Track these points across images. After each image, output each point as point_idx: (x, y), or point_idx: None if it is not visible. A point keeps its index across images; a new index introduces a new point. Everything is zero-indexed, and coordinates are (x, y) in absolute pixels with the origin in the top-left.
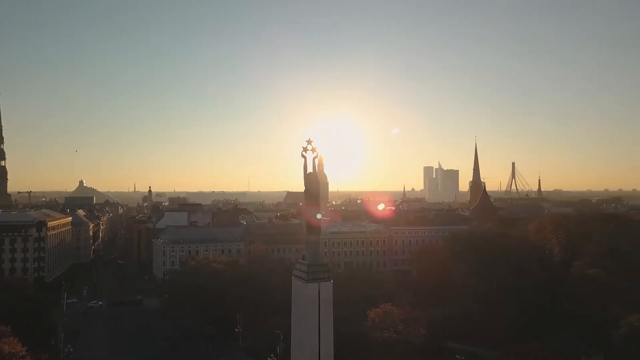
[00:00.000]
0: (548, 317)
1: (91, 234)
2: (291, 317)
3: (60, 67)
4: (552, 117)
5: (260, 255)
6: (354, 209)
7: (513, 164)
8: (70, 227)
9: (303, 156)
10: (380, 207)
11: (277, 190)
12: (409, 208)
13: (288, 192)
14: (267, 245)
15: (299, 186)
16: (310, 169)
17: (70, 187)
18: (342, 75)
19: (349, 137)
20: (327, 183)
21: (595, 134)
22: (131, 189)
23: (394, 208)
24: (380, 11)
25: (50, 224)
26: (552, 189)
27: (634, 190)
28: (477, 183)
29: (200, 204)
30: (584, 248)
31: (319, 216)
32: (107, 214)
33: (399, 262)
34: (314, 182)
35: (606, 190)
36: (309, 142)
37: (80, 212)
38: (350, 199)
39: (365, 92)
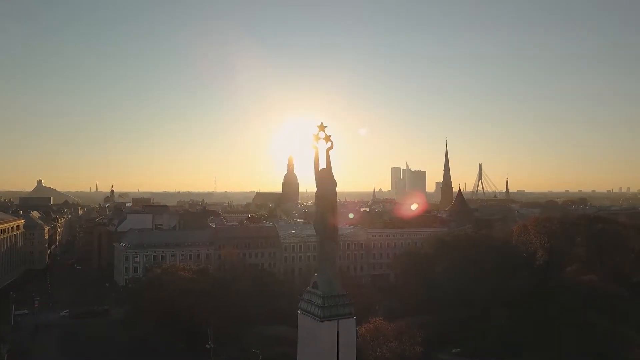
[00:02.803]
0: (541, 326)
1: (47, 237)
2: None
3: (17, 64)
4: (518, 120)
5: (231, 261)
6: None
7: (480, 165)
8: (23, 230)
9: (314, 147)
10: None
11: (245, 190)
12: (383, 209)
13: (257, 192)
14: (239, 250)
15: (267, 186)
16: (323, 164)
17: (29, 187)
18: (309, 75)
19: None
20: (298, 184)
21: (557, 137)
22: (93, 189)
23: (368, 209)
24: (348, 11)
25: None
26: (515, 190)
27: (593, 191)
28: (447, 184)
29: (165, 205)
30: (570, 252)
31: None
32: (66, 216)
33: (376, 266)
34: (329, 180)
35: (567, 191)
36: (321, 127)
37: (35, 213)
38: None
39: (333, 92)
